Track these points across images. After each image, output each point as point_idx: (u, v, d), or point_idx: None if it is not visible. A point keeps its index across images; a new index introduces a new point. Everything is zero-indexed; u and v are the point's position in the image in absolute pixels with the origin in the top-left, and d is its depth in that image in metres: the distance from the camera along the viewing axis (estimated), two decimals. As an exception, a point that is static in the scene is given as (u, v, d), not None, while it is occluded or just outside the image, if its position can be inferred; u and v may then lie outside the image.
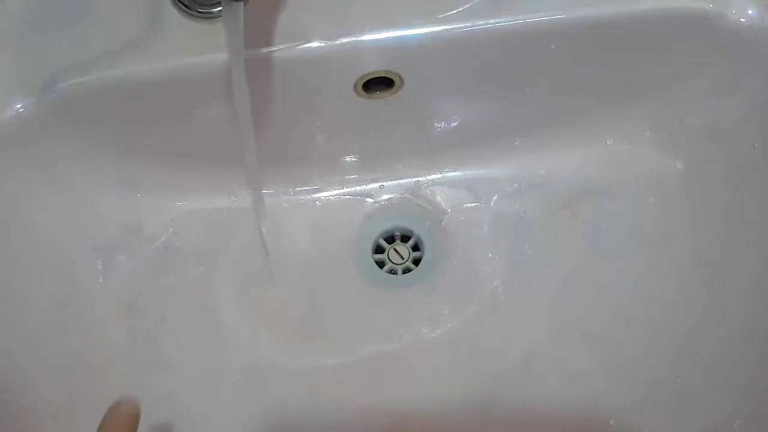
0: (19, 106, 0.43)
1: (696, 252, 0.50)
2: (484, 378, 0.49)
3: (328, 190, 0.55)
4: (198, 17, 0.44)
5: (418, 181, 0.55)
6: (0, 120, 0.43)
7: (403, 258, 0.54)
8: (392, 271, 0.54)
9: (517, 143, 0.54)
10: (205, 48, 0.43)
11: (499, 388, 0.49)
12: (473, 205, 0.54)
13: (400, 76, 0.46)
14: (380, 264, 0.54)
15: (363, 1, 0.44)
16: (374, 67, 0.46)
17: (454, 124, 0.52)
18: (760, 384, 0.43)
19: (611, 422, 0.47)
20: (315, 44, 0.44)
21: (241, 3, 0.36)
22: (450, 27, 0.44)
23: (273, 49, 0.43)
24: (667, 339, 0.48)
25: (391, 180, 0.55)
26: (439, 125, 0.52)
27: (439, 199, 0.55)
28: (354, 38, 0.44)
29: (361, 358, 0.50)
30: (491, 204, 0.54)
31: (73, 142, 0.47)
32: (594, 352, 0.49)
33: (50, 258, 0.47)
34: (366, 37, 0.44)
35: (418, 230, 0.54)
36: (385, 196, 0.55)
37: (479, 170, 0.54)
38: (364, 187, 0.55)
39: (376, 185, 0.55)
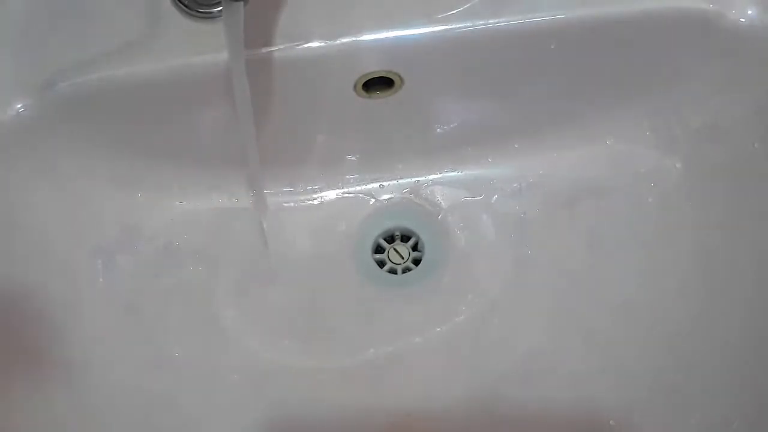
0: (19, 106, 0.43)
1: (696, 252, 0.50)
2: (484, 378, 0.49)
3: (329, 190, 0.54)
4: (198, 17, 0.44)
5: (418, 180, 0.55)
6: (0, 120, 0.43)
7: (403, 258, 0.54)
8: (392, 271, 0.54)
9: (516, 143, 0.54)
10: (205, 48, 0.43)
11: (499, 387, 0.49)
12: (473, 204, 0.54)
13: (400, 76, 0.46)
14: (380, 264, 0.54)
15: (363, 1, 0.44)
16: (374, 67, 0.46)
17: (454, 124, 0.52)
18: (760, 384, 0.43)
19: (611, 422, 0.47)
20: (315, 44, 0.44)
21: (241, 3, 0.36)
22: (450, 27, 0.44)
23: (273, 49, 0.43)
24: (666, 339, 0.48)
25: (391, 180, 0.55)
26: (439, 125, 0.52)
27: (439, 198, 0.54)
28: (354, 38, 0.44)
29: (361, 358, 0.50)
30: (491, 204, 0.54)
31: (73, 142, 0.47)
32: (594, 352, 0.49)
33: (50, 258, 0.47)
34: (366, 37, 0.44)
35: (418, 230, 0.54)
36: (385, 196, 0.55)
37: (479, 170, 0.54)
38: (364, 186, 0.55)
39: (376, 185, 0.55)
